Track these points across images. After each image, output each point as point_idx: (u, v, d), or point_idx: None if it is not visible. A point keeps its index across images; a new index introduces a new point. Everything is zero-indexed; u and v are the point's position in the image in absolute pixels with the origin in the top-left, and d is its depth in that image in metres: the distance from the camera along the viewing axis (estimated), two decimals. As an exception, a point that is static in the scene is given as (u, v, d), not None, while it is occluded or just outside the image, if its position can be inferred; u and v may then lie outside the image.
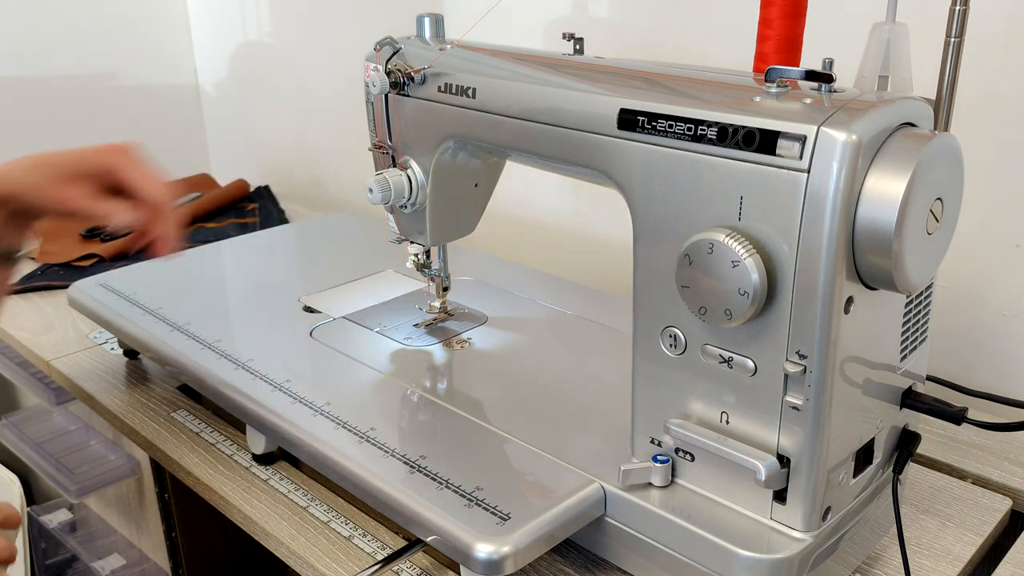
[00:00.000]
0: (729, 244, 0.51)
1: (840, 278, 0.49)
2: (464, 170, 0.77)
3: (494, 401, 0.73)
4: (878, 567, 0.64)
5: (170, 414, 0.86)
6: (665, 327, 0.58)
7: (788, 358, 0.52)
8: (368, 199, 0.76)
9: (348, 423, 0.69)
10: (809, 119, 0.49)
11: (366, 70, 0.74)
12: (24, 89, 1.54)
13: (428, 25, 0.75)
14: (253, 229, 1.37)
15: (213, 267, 1.05)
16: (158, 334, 0.85)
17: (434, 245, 0.82)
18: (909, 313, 0.57)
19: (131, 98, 1.68)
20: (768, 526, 0.56)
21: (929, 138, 0.49)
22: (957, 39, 0.51)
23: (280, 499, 0.74)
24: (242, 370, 0.78)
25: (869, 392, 0.56)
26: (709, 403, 0.57)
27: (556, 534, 0.58)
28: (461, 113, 0.69)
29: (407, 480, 0.62)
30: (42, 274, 1.21)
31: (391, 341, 0.83)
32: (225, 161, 1.81)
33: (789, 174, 0.49)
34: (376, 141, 0.79)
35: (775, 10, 0.61)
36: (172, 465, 0.81)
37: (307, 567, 0.66)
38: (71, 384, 0.94)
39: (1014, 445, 0.77)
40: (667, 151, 0.54)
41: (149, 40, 1.69)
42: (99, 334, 1.03)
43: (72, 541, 1.16)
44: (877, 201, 0.48)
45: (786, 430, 0.54)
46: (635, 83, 0.59)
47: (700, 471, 0.59)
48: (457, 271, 0.94)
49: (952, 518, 0.68)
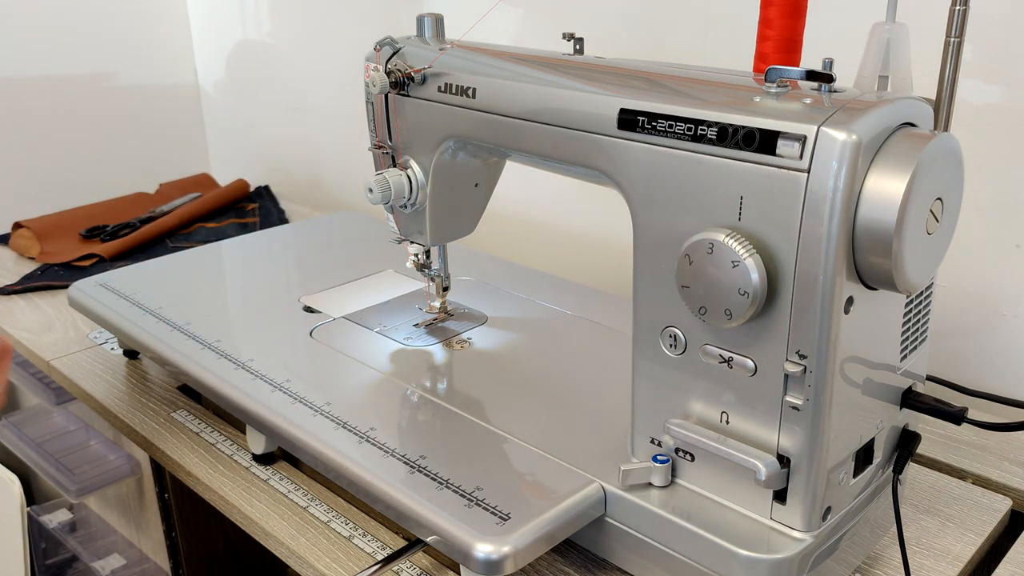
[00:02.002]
0: (729, 244, 0.51)
1: (840, 278, 0.49)
2: (464, 170, 0.77)
3: (494, 401, 0.73)
4: (878, 567, 0.64)
5: (170, 414, 0.86)
6: (665, 327, 0.58)
7: (788, 358, 0.52)
8: (368, 199, 0.76)
9: (348, 423, 0.69)
10: (809, 119, 0.49)
11: (366, 70, 0.74)
12: (24, 89, 1.54)
13: (428, 25, 0.75)
14: (253, 229, 1.37)
15: (213, 267, 1.05)
16: (158, 334, 0.85)
17: (434, 245, 0.82)
18: (909, 313, 0.57)
19: (131, 98, 1.68)
20: (768, 526, 0.56)
21: (929, 138, 0.49)
22: (957, 39, 0.51)
23: (280, 499, 0.74)
24: (242, 370, 0.78)
25: (869, 392, 0.56)
26: (709, 403, 0.57)
27: (556, 534, 0.58)
28: (461, 113, 0.69)
29: (407, 480, 0.62)
30: (42, 274, 1.21)
31: (391, 341, 0.83)
32: (225, 161, 1.81)
33: (789, 174, 0.49)
34: (376, 141, 0.79)
35: (775, 10, 0.61)
36: (172, 465, 0.81)
37: (307, 567, 0.67)
38: (71, 384, 0.94)
39: (1014, 445, 0.77)
40: (667, 151, 0.54)
41: (149, 40, 1.69)
42: (99, 334, 1.03)
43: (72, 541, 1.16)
44: (877, 201, 0.48)
45: (786, 430, 0.54)
46: (635, 83, 0.59)
47: (700, 471, 0.59)
48: (457, 271, 0.94)
49: (952, 518, 0.68)
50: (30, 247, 1.29)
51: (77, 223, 1.36)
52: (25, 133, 1.55)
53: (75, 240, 1.33)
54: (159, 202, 1.48)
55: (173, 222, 1.37)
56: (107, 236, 1.32)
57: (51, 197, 1.53)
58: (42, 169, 1.58)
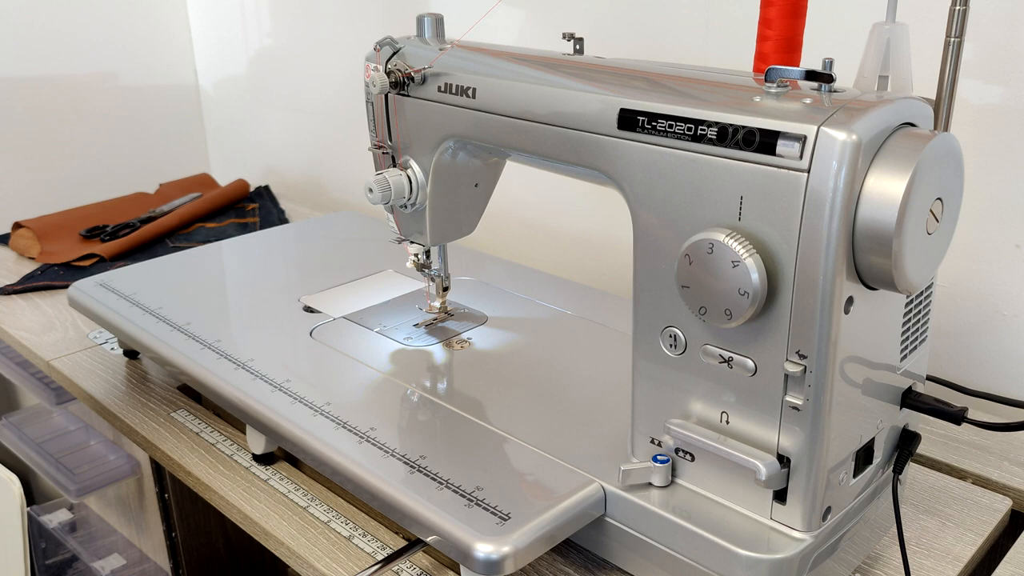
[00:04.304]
0: (729, 244, 0.51)
1: (840, 278, 0.49)
2: (464, 170, 0.77)
3: (494, 401, 0.73)
4: (878, 567, 0.64)
5: (170, 414, 0.86)
6: (665, 327, 0.58)
7: (788, 358, 0.52)
8: (368, 199, 0.76)
9: (348, 423, 0.69)
10: (809, 119, 0.49)
11: (366, 70, 0.74)
12: (24, 89, 1.54)
13: (428, 25, 0.75)
14: (253, 229, 1.37)
15: (213, 267, 1.05)
16: (158, 334, 0.85)
17: (434, 245, 0.82)
18: (909, 313, 0.57)
19: (131, 98, 1.68)
20: (768, 526, 0.56)
21: (929, 138, 0.49)
22: (957, 39, 0.51)
23: (280, 499, 0.74)
24: (242, 370, 0.78)
25: (869, 392, 0.56)
26: (709, 403, 0.57)
27: (556, 534, 0.58)
28: (461, 113, 0.69)
29: (407, 480, 0.62)
30: (42, 274, 1.21)
31: (391, 341, 0.83)
32: (225, 161, 1.81)
33: (789, 174, 0.49)
34: (376, 141, 0.79)
35: (775, 10, 0.61)
36: (172, 465, 0.81)
37: (307, 567, 0.67)
38: (71, 384, 0.94)
39: (1014, 445, 0.77)
40: (667, 151, 0.54)
41: (149, 40, 1.69)
42: (99, 334, 1.03)
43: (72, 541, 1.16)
44: (877, 201, 0.48)
45: (786, 430, 0.54)
46: (635, 83, 0.59)
47: (700, 471, 0.59)
48: (457, 271, 0.94)
49: (952, 518, 0.68)
50: (30, 247, 1.29)
51: (77, 223, 1.36)
52: (25, 133, 1.55)
53: (75, 240, 1.33)
54: (159, 202, 1.48)
55: (173, 222, 1.37)
56: (107, 236, 1.32)
57: (51, 197, 1.53)
58: (42, 169, 1.58)
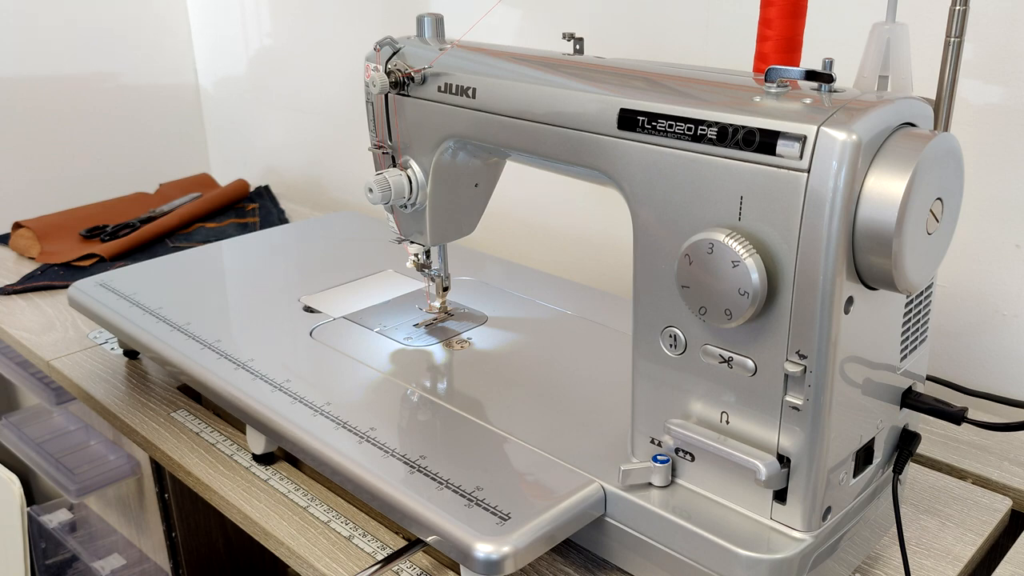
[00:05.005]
0: (729, 244, 0.51)
1: (840, 278, 0.49)
2: (464, 170, 0.77)
3: (494, 401, 0.73)
4: (878, 567, 0.64)
5: (170, 414, 0.86)
6: (665, 327, 0.58)
7: (788, 358, 0.52)
8: (368, 199, 0.76)
9: (348, 423, 0.69)
10: (809, 119, 0.49)
11: (366, 70, 0.74)
12: (25, 89, 1.54)
13: (428, 25, 0.75)
14: (253, 229, 1.37)
15: (213, 267, 1.05)
16: (158, 334, 0.85)
17: (434, 245, 0.82)
18: (909, 313, 0.57)
19: (131, 98, 1.68)
20: (768, 526, 0.56)
21: (929, 138, 0.49)
22: (957, 39, 0.51)
23: (280, 499, 0.74)
24: (242, 370, 0.78)
25: (869, 392, 0.56)
26: (709, 403, 0.57)
27: (556, 534, 0.58)
28: (461, 113, 0.69)
29: (407, 480, 0.62)
30: (42, 274, 1.21)
31: (391, 341, 0.83)
32: (225, 161, 1.81)
33: (789, 174, 0.49)
34: (376, 141, 0.79)
35: (775, 10, 0.61)
36: (172, 465, 0.81)
37: (307, 567, 0.67)
38: (71, 384, 0.94)
39: (1014, 445, 0.77)
40: (667, 151, 0.54)
41: (149, 40, 1.69)
42: (99, 334, 1.03)
43: (72, 541, 1.16)
44: (877, 201, 0.48)
45: (786, 430, 0.54)
46: (635, 83, 0.59)
47: (700, 471, 0.59)
48: (457, 271, 0.94)
49: (952, 518, 0.68)
50: (30, 247, 1.29)
51: (77, 223, 1.36)
52: (25, 133, 1.55)
53: (75, 240, 1.33)
54: (159, 202, 1.48)
55: (173, 222, 1.37)
56: (107, 236, 1.32)
57: (51, 197, 1.53)
58: (42, 169, 1.58)
